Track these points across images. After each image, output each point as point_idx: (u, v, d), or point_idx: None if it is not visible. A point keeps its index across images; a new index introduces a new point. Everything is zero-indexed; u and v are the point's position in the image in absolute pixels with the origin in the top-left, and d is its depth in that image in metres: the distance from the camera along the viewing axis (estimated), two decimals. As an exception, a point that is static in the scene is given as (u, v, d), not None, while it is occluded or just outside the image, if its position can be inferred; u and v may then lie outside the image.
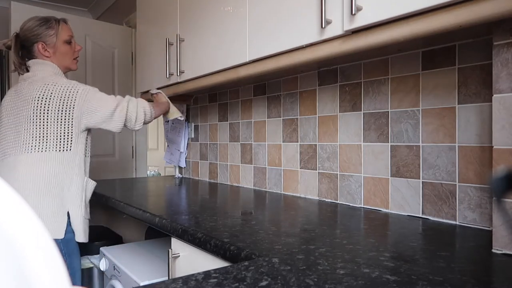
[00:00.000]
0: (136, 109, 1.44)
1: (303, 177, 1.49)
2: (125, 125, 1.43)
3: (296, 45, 1.08)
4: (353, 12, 0.87)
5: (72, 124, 1.31)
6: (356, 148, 1.28)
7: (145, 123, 1.51)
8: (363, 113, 1.26)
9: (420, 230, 0.94)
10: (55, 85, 1.30)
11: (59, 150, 1.30)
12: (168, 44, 1.69)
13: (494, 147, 0.76)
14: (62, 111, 1.29)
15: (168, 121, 2.30)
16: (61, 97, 1.29)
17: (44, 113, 1.28)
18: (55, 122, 1.29)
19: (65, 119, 1.30)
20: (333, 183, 1.36)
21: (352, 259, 0.71)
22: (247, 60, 1.27)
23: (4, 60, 3.06)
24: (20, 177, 1.26)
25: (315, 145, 1.43)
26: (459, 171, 1.01)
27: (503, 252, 0.74)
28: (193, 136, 2.21)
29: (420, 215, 1.09)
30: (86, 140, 1.39)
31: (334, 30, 0.96)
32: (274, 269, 0.65)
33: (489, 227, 0.94)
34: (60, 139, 1.30)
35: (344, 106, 1.32)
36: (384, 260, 0.70)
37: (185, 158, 2.25)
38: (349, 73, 1.31)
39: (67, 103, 1.29)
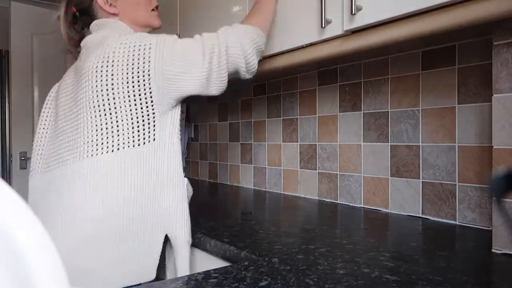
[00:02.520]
0: (241, 51, 0.92)
1: (303, 177, 1.49)
2: (230, 79, 0.95)
3: (296, 45, 1.08)
4: (353, 12, 0.87)
5: (152, 101, 0.85)
6: (356, 148, 1.28)
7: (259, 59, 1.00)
8: (363, 113, 1.26)
9: (420, 230, 0.94)
10: (116, 47, 0.85)
11: (138, 145, 0.85)
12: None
13: (494, 147, 0.76)
14: (133, 83, 0.83)
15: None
16: (127, 62, 0.83)
17: (108, 92, 0.83)
18: (127, 102, 0.84)
19: (140, 95, 0.84)
20: (333, 183, 1.36)
21: (352, 259, 0.71)
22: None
23: (4, 60, 3.06)
24: (79, 198, 0.81)
25: (315, 145, 1.43)
26: (459, 171, 1.01)
27: (503, 252, 0.74)
28: (193, 136, 2.21)
29: (420, 215, 1.09)
30: (175, 121, 0.91)
31: (334, 30, 0.96)
32: (274, 269, 0.65)
33: (489, 227, 0.94)
34: (138, 127, 0.85)
35: (344, 106, 1.32)
36: (384, 260, 0.70)
37: (185, 158, 2.25)
38: (349, 73, 1.31)
39: (138, 69, 0.83)
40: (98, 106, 0.84)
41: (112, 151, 0.83)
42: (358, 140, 1.27)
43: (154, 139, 0.86)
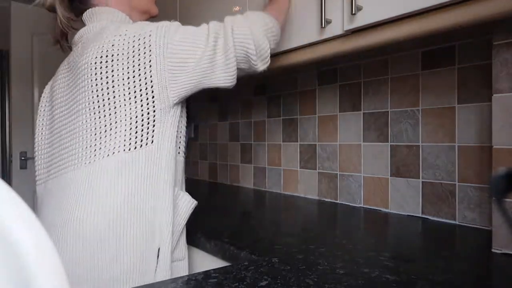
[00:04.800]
0: (250, 34, 0.81)
1: (303, 177, 1.49)
2: (241, 69, 0.84)
3: (295, 44, 1.08)
4: (353, 12, 0.87)
5: (153, 96, 0.77)
6: (356, 148, 1.28)
7: (273, 49, 0.90)
8: (363, 113, 1.26)
9: (419, 230, 0.94)
10: (115, 40, 0.78)
11: (134, 148, 0.76)
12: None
13: (494, 147, 0.76)
14: (134, 77, 0.76)
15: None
16: (128, 54, 0.77)
17: (109, 90, 0.77)
18: (127, 100, 0.76)
19: (141, 90, 0.76)
20: (333, 183, 1.36)
21: (352, 259, 0.71)
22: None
23: (4, 60, 3.06)
24: (76, 208, 0.76)
25: (315, 145, 1.43)
26: (459, 171, 1.01)
27: (503, 252, 0.74)
28: (193, 136, 2.21)
29: (420, 215, 1.09)
30: (178, 123, 0.83)
31: (334, 29, 0.96)
32: (274, 269, 0.65)
33: (488, 227, 0.94)
34: (135, 127, 0.77)
35: (344, 106, 1.32)
36: (383, 260, 0.70)
37: (185, 158, 2.25)
38: (349, 73, 1.31)
39: (139, 60, 0.76)
40: (98, 107, 0.77)
41: (108, 155, 0.76)
42: (358, 140, 1.27)
43: (152, 142, 0.78)
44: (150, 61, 0.76)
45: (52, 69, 2.83)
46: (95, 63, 0.78)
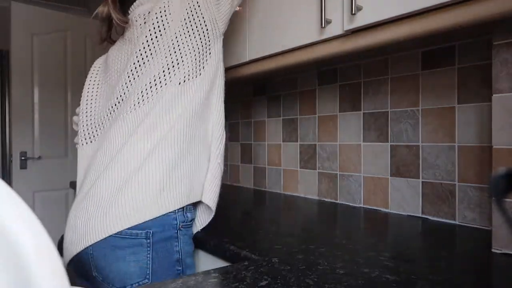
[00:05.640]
0: None
1: (303, 177, 1.49)
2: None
3: (296, 44, 1.08)
4: (353, 12, 0.87)
5: (207, 29, 0.90)
6: (356, 148, 1.28)
7: None
8: (363, 113, 1.26)
9: (419, 230, 0.94)
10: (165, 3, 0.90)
11: (196, 76, 0.87)
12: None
13: (494, 147, 0.76)
14: (189, 18, 0.88)
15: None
16: (181, 5, 0.89)
17: (166, 31, 0.88)
18: (187, 37, 0.87)
19: (197, 27, 0.88)
20: (333, 183, 1.36)
21: (352, 259, 0.71)
22: (247, 59, 1.27)
23: (4, 60, 3.06)
24: (135, 136, 0.84)
25: (315, 145, 1.43)
26: (459, 171, 1.01)
27: (503, 252, 0.74)
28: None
29: (420, 215, 1.09)
30: (220, 54, 0.94)
31: (334, 30, 0.96)
32: (274, 269, 0.65)
33: (488, 227, 0.94)
34: (197, 58, 0.88)
35: (344, 106, 1.32)
36: (383, 260, 0.70)
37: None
38: (349, 73, 1.31)
39: (188, 4, 0.89)
40: (159, 47, 0.86)
41: (178, 83, 0.85)
42: (358, 140, 1.27)
43: (204, 69, 0.89)
44: (197, 1, 0.89)
45: (52, 69, 2.83)
46: (157, 21, 0.88)
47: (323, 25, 0.96)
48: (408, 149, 1.13)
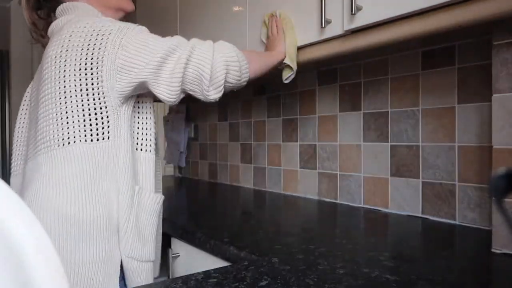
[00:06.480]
0: (210, 57, 0.80)
1: (303, 177, 1.49)
2: (190, 91, 0.83)
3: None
4: (353, 12, 0.87)
5: (103, 92, 0.77)
6: (356, 148, 1.28)
7: (232, 86, 0.87)
8: (363, 113, 1.26)
9: (419, 230, 0.94)
10: (73, 31, 0.78)
11: (90, 140, 0.77)
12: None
13: (494, 147, 0.76)
14: (85, 70, 0.76)
15: (168, 121, 2.29)
16: (82, 47, 0.76)
17: (60, 80, 0.77)
18: (77, 91, 0.76)
19: (92, 85, 0.76)
20: (333, 183, 1.36)
21: (352, 259, 0.71)
22: (247, 60, 1.27)
23: (4, 60, 3.06)
24: (41, 196, 0.75)
25: (315, 145, 1.43)
26: (459, 171, 1.01)
27: (503, 252, 0.74)
28: (193, 136, 2.21)
29: (420, 215, 1.09)
30: (135, 120, 0.84)
31: (334, 30, 0.96)
32: (274, 269, 0.65)
33: (488, 227, 0.94)
34: (88, 119, 0.77)
35: (344, 106, 1.32)
36: (383, 260, 0.70)
37: (185, 158, 2.25)
38: (349, 73, 1.31)
39: (93, 55, 0.76)
40: (52, 97, 0.77)
41: (64, 145, 0.76)
42: (358, 140, 1.27)
43: (108, 137, 0.78)
44: (103, 57, 0.75)
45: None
46: (55, 56, 0.77)
47: (323, 25, 0.96)
48: (408, 149, 1.13)
